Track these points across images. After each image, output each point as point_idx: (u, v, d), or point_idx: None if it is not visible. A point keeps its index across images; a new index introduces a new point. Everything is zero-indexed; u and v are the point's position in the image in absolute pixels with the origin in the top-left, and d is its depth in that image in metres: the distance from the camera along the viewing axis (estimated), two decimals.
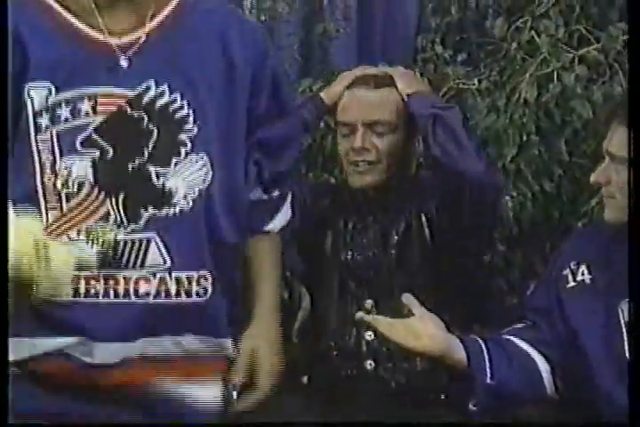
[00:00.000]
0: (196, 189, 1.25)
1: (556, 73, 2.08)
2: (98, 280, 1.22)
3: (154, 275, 1.24)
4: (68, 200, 1.22)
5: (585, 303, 1.36)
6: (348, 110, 1.62)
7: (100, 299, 1.22)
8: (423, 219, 1.58)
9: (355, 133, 1.59)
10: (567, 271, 1.39)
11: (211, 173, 1.25)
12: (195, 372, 1.28)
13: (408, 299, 1.34)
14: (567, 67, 2.07)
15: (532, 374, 1.38)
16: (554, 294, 1.40)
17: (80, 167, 1.23)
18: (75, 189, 1.23)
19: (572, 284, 1.38)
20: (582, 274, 1.37)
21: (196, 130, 1.25)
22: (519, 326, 1.43)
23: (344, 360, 1.57)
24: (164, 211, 1.24)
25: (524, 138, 2.12)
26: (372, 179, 1.59)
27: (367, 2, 2.49)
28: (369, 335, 1.55)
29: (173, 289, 1.24)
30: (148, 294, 1.23)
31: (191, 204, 1.25)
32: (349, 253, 1.60)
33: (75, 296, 1.21)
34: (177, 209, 1.24)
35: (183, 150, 1.25)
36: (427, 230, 1.58)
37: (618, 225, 1.32)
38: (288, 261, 1.63)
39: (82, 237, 1.22)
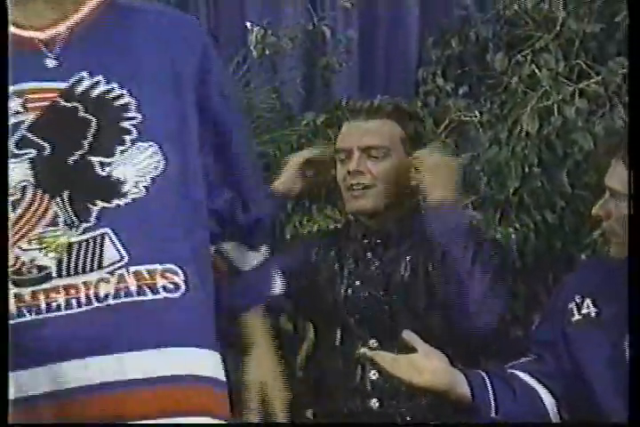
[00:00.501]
0: (148, 176, 1.15)
1: (556, 106, 2.10)
2: (58, 292, 1.10)
3: (112, 273, 1.12)
4: (13, 208, 1.12)
5: (590, 337, 1.36)
6: (346, 137, 1.63)
7: (63, 311, 1.10)
8: (428, 257, 1.57)
9: (351, 158, 1.60)
10: (572, 304, 1.39)
11: (163, 161, 1.15)
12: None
13: (409, 335, 1.34)
14: (568, 100, 2.10)
15: (537, 408, 1.38)
16: (559, 328, 1.39)
17: (20, 170, 1.13)
18: (19, 195, 1.12)
19: (577, 317, 1.38)
20: (587, 307, 1.37)
21: (140, 117, 1.15)
22: (524, 359, 1.43)
23: (348, 398, 1.56)
24: (115, 202, 1.13)
25: (527, 170, 2.13)
26: (366, 202, 1.59)
27: (369, 35, 2.53)
28: (373, 374, 1.54)
29: (134, 286, 1.12)
30: (107, 296, 1.11)
31: (144, 191, 1.14)
32: (350, 290, 1.60)
33: (36, 313, 1.10)
34: (128, 198, 1.14)
35: (128, 138, 1.15)
36: (431, 267, 1.57)
37: (624, 260, 1.32)
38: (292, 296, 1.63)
39: (34, 245, 1.11)
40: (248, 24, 2.30)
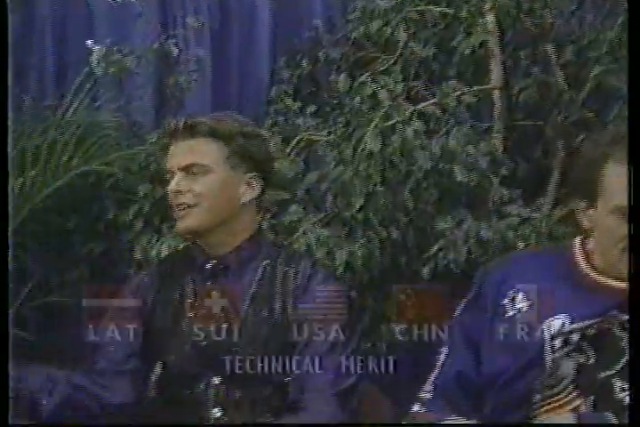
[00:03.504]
0: None
1: (397, 126, 2.18)
2: None
3: None
4: None
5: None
6: (169, 158, 1.61)
7: None
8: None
9: (173, 179, 1.58)
10: (506, 300, 1.35)
11: None
12: None
13: None
14: (407, 120, 2.18)
15: None
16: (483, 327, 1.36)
17: None
18: None
19: (510, 313, 1.35)
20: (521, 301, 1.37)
21: None
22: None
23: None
24: None
25: (371, 188, 2.20)
26: (192, 222, 1.55)
27: (220, 54, 2.54)
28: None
29: None
30: None
31: None
32: (189, 325, 1.56)
33: None
34: None
35: None
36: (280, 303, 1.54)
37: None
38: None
39: None
40: (89, 42, 2.27)
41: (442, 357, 1.42)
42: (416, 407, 1.40)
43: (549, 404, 1.31)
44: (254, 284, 1.55)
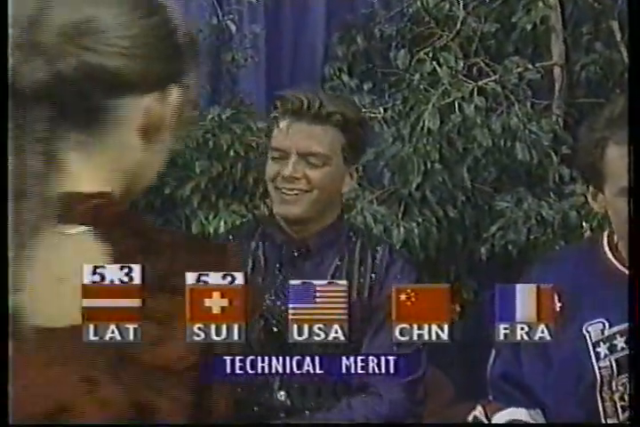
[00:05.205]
0: None
1: (456, 103, 2.16)
2: None
3: None
4: None
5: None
6: (285, 137, 1.57)
7: None
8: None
9: (286, 160, 1.55)
10: None
11: None
12: None
13: None
14: (467, 97, 2.15)
15: None
16: None
17: None
18: None
19: None
20: None
21: None
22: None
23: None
24: None
25: (429, 165, 2.18)
26: (297, 208, 1.52)
27: (275, 30, 2.53)
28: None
29: None
30: None
31: None
32: (273, 301, 1.54)
33: None
34: None
35: None
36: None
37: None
38: None
39: None
40: None
41: (491, 358, 1.41)
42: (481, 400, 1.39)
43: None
44: (331, 270, 1.53)
